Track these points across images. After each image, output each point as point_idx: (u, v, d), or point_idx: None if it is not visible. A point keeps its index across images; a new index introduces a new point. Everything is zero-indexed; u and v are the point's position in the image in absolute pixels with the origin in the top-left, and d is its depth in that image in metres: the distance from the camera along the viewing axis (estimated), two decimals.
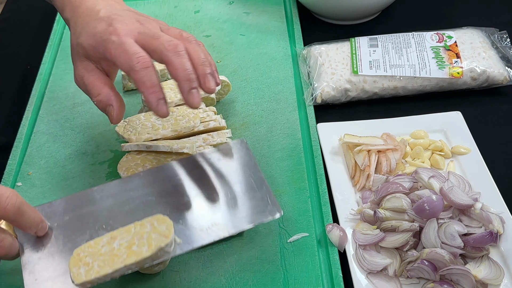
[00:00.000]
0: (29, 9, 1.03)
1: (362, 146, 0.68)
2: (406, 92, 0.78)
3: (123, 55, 0.57)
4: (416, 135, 0.72)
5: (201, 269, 0.61)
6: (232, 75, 0.84)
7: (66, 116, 0.80)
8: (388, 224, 0.60)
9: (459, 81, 0.77)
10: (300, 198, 0.67)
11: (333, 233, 0.61)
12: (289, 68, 0.84)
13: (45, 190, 0.71)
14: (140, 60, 0.56)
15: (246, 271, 0.61)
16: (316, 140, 0.73)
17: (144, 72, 0.56)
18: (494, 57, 0.79)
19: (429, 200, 0.59)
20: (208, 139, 0.70)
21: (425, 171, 0.64)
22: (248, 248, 0.63)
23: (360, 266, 0.59)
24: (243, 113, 0.78)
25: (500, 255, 0.59)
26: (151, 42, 0.58)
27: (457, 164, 0.69)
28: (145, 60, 0.56)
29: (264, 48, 0.88)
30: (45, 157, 0.75)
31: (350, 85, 0.78)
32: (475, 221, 0.60)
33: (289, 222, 0.65)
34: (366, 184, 0.67)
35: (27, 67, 0.90)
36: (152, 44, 0.58)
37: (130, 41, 0.58)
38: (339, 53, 0.82)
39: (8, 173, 0.73)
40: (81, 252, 0.53)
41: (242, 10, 0.95)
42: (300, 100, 0.79)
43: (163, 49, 0.57)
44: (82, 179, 0.72)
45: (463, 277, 0.55)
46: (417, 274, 0.57)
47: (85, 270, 0.52)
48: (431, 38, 0.81)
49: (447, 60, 0.78)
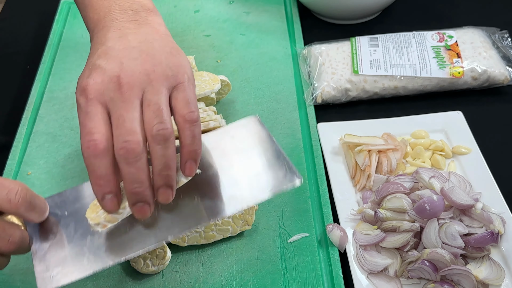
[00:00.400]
0: (29, 9, 1.03)
1: (362, 146, 0.68)
2: (407, 92, 0.78)
3: (81, 128, 0.48)
4: (417, 135, 0.72)
5: (201, 269, 0.61)
6: (232, 75, 0.84)
7: (65, 116, 0.80)
8: (388, 224, 0.60)
9: (459, 81, 0.77)
10: (300, 198, 0.67)
11: (333, 233, 0.61)
12: (289, 68, 0.84)
13: (45, 190, 0.70)
14: (91, 145, 0.47)
15: (246, 271, 0.61)
16: (316, 140, 0.73)
17: (92, 160, 0.47)
18: (495, 56, 0.78)
19: (430, 200, 0.59)
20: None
21: (426, 171, 0.64)
22: (248, 248, 0.63)
23: (360, 267, 0.59)
24: (243, 113, 0.78)
25: (501, 255, 0.59)
26: (112, 123, 0.48)
27: (458, 164, 0.69)
28: (95, 147, 0.47)
29: (264, 48, 0.88)
30: (45, 157, 0.74)
31: (350, 84, 0.78)
32: (476, 221, 0.60)
33: (289, 222, 0.65)
34: (366, 184, 0.67)
35: (27, 67, 0.90)
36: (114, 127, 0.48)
37: (93, 111, 0.48)
38: (340, 52, 0.82)
39: (8, 173, 0.73)
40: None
41: (242, 10, 0.95)
42: (300, 100, 0.79)
43: (115, 147, 0.47)
44: (82, 179, 0.71)
45: (464, 278, 0.55)
46: (417, 274, 0.57)
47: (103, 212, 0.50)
48: (432, 37, 0.81)
49: (447, 59, 0.77)
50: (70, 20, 0.96)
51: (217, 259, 0.62)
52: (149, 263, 0.60)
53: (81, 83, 0.49)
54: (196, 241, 0.63)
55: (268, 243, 0.63)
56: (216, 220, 0.53)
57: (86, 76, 0.50)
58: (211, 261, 0.62)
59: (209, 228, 0.63)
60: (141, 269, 0.61)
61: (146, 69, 0.50)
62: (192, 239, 0.63)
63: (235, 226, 0.63)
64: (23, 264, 0.63)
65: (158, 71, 0.50)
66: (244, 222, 0.64)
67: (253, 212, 0.64)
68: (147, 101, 0.49)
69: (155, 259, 0.61)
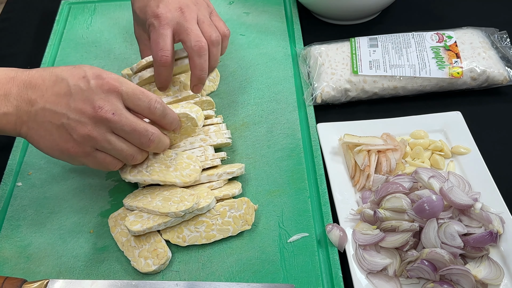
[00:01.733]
0: (29, 9, 1.03)
1: (362, 146, 0.68)
2: (406, 92, 0.78)
3: (154, 45, 0.68)
4: (416, 135, 0.72)
5: (201, 269, 0.61)
6: (232, 75, 0.84)
7: None
8: (388, 224, 0.60)
9: (459, 81, 0.77)
10: (300, 198, 0.67)
11: (333, 233, 0.61)
12: (289, 68, 0.84)
13: (45, 190, 0.71)
14: (163, 59, 0.67)
15: (246, 271, 0.61)
16: (316, 140, 0.73)
17: (161, 69, 0.69)
18: (494, 57, 0.79)
19: (429, 200, 0.59)
20: (207, 140, 0.70)
21: (425, 171, 0.64)
22: (248, 248, 0.63)
23: (360, 266, 0.60)
24: (243, 113, 0.78)
25: (500, 255, 0.59)
26: (183, 34, 0.69)
27: (457, 164, 0.69)
28: (166, 60, 0.68)
29: (264, 48, 0.88)
30: (45, 157, 0.74)
31: (350, 85, 0.78)
32: (475, 221, 0.60)
33: (289, 222, 0.65)
34: (366, 184, 0.67)
35: (27, 67, 0.90)
36: (183, 37, 0.69)
37: (165, 33, 0.68)
38: (339, 53, 0.82)
39: (9, 173, 0.73)
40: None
41: (242, 10, 0.95)
42: (300, 100, 0.79)
43: (190, 46, 0.68)
44: (82, 179, 0.72)
45: (463, 277, 0.55)
46: (417, 274, 0.57)
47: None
48: (431, 38, 0.81)
49: (447, 60, 0.78)
50: (71, 21, 0.96)
51: (217, 259, 0.62)
52: (149, 263, 0.61)
53: (153, 11, 0.69)
54: (196, 241, 0.63)
55: (268, 243, 0.63)
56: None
57: (155, 6, 0.70)
58: (211, 261, 0.62)
59: (209, 228, 0.63)
60: (141, 269, 0.61)
61: (193, 2, 0.72)
62: (192, 239, 0.63)
63: (235, 226, 0.63)
64: (23, 264, 0.63)
65: (200, 2, 0.73)
66: (244, 222, 0.64)
67: (253, 212, 0.64)
68: (201, 20, 0.71)
69: (155, 259, 0.61)
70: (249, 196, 0.68)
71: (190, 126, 0.67)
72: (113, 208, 0.68)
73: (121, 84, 0.60)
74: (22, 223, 0.67)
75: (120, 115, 0.59)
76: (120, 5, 0.99)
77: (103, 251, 0.64)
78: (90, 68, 0.60)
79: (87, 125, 0.58)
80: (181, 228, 0.63)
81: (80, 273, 0.62)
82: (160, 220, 0.62)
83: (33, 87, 0.59)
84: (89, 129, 0.58)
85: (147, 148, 0.63)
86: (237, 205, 0.64)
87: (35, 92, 0.59)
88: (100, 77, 0.59)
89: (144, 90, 0.61)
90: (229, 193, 0.65)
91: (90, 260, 0.63)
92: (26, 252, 0.64)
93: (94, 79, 0.59)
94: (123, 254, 0.63)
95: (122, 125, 0.59)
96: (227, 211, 0.64)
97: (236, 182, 0.68)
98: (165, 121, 0.63)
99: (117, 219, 0.65)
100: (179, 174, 0.65)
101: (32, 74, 0.60)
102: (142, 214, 0.63)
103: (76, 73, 0.59)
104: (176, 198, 0.63)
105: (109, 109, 0.58)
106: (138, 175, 0.65)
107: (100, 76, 0.59)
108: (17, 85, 0.59)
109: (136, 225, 0.61)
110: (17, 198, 0.70)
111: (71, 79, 0.59)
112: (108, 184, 0.71)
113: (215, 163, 0.68)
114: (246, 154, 0.73)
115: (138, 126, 0.60)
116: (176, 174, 0.65)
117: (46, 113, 0.59)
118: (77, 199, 0.69)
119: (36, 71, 0.61)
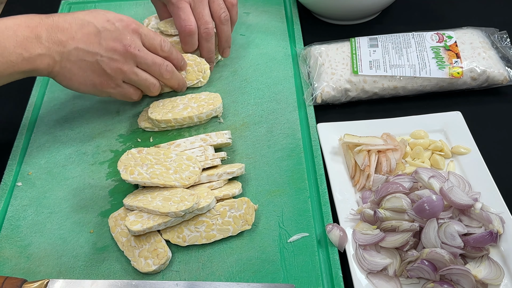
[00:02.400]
0: (30, 9, 1.03)
1: (362, 146, 0.68)
2: (406, 92, 0.78)
3: (176, 18, 0.78)
4: (416, 135, 0.72)
5: (201, 269, 0.61)
6: (232, 75, 0.84)
7: (66, 116, 0.80)
8: (388, 224, 0.60)
9: (459, 81, 0.77)
10: (300, 198, 0.67)
11: (333, 233, 0.61)
12: (289, 68, 0.84)
13: (45, 190, 0.71)
14: (187, 28, 0.77)
15: (246, 271, 0.61)
16: (316, 140, 0.73)
17: (187, 38, 0.79)
18: (494, 57, 0.79)
19: (429, 200, 0.59)
20: (207, 140, 0.70)
21: (425, 171, 0.64)
22: (248, 248, 0.63)
23: (360, 266, 0.60)
24: (243, 113, 0.78)
25: (500, 255, 0.59)
26: (197, 12, 0.77)
27: (457, 164, 0.69)
28: (190, 29, 0.77)
29: (264, 48, 0.88)
30: (45, 157, 0.75)
31: (350, 85, 0.78)
32: (475, 221, 0.60)
33: (289, 222, 0.65)
34: (366, 184, 0.67)
35: None
36: (197, 15, 0.77)
37: (183, 6, 0.77)
38: (339, 53, 0.82)
39: (8, 173, 0.73)
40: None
41: (242, 10, 0.95)
42: (300, 100, 0.79)
43: (201, 31, 0.78)
44: (82, 179, 0.72)
45: (463, 277, 0.55)
46: (417, 274, 0.57)
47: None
48: (431, 38, 0.81)
49: (447, 60, 0.78)
50: None
51: (217, 259, 0.62)
52: (149, 263, 0.61)
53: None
54: (196, 241, 0.63)
55: (268, 243, 0.63)
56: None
57: None
58: (211, 261, 0.62)
59: (209, 228, 0.63)
60: (141, 269, 0.61)
61: None
62: (192, 239, 0.63)
63: (235, 226, 0.63)
64: (23, 264, 0.63)
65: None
66: (244, 222, 0.64)
67: (253, 212, 0.64)
68: (211, 1, 0.79)
69: (155, 258, 0.61)
70: (249, 196, 0.68)
71: (196, 71, 0.79)
72: (113, 208, 0.68)
73: (139, 26, 0.71)
74: (22, 223, 0.67)
75: (143, 51, 0.71)
76: (120, 5, 0.98)
77: (103, 251, 0.64)
78: (106, 11, 0.70)
79: (118, 61, 0.69)
80: (181, 228, 0.63)
81: (80, 273, 0.62)
82: (160, 220, 0.62)
83: (61, 30, 0.67)
84: (120, 64, 0.70)
85: (165, 76, 0.75)
86: (237, 205, 0.64)
87: (65, 34, 0.67)
88: (122, 20, 0.70)
89: (155, 31, 0.74)
90: (229, 193, 0.66)
91: (90, 260, 0.63)
92: (26, 252, 0.64)
93: (118, 22, 0.69)
94: (123, 254, 0.63)
95: (146, 59, 0.72)
96: (227, 211, 0.64)
97: (236, 182, 0.68)
98: (173, 56, 0.76)
99: (117, 219, 0.65)
100: (178, 177, 0.65)
101: (56, 19, 0.68)
102: (142, 214, 0.63)
103: (99, 16, 0.69)
104: (176, 198, 0.63)
105: (135, 46, 0.70)
106: (139, 177, 0.65)
107: (122, 19, 0.70)
108: (45, 29, 0.67)
109: (136, 225, 0.61)
110: (17, 198, 0.70)
111: (97, 22, 0.68)
112: (108, 184, 0.71)
113: (215, 163, 0.68)
114: (246, 154, 0.73)
115: (157, 59, 0.73)
116: (175, 176, 0.65)
117: (80, 52, 0.67)
118: (77, 199, 0.69)
119: (58, 16, 0.68)
